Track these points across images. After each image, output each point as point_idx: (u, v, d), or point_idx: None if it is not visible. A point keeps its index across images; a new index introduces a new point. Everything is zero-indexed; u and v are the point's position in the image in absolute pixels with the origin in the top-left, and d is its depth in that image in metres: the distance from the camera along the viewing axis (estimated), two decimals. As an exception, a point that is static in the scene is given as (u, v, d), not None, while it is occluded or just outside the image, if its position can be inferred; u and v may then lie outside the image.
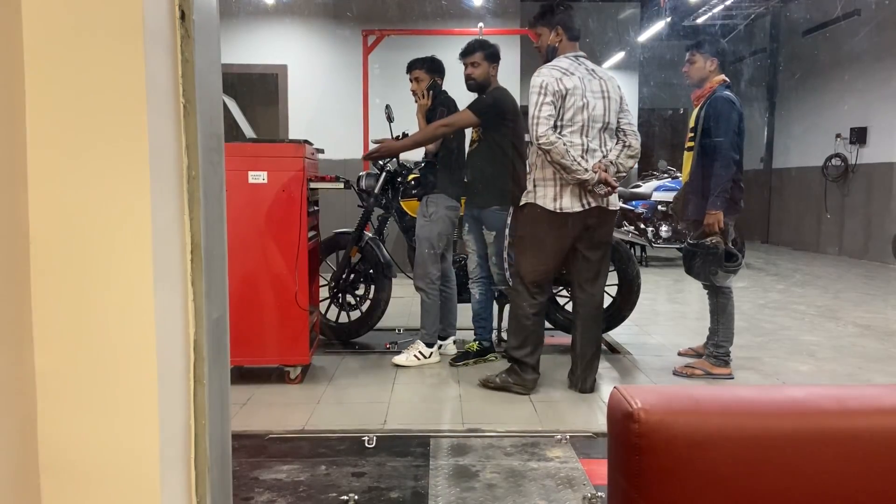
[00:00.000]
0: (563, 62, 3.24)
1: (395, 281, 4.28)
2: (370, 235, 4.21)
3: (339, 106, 7.42)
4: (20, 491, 0.88)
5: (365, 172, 4.21)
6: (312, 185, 3.49)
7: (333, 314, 4.29)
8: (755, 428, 0.92)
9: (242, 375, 3.53)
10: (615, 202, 3.36)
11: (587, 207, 3.21)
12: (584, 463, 2.53)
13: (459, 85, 3.87)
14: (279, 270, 3.37)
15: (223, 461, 1.11)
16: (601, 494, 2.25)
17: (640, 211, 8.07)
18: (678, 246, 7.54)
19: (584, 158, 3.16)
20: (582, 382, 3.40)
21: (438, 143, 3.87)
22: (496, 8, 7.56)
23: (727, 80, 3.67)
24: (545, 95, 3.12)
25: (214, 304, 1.05)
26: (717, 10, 9.37)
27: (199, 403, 1.00)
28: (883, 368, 3.96)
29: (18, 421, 0.87)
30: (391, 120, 4.07)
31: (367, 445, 2.69)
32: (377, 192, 4.06)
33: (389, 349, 4.15)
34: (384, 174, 4.07)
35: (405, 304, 5.22)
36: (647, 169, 9.68)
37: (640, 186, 8.57)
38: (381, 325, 4.35)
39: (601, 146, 3.25)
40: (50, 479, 0.91)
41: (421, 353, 3.87)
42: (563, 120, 3.16)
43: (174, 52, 0.95)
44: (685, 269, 3.72)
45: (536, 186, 3.26)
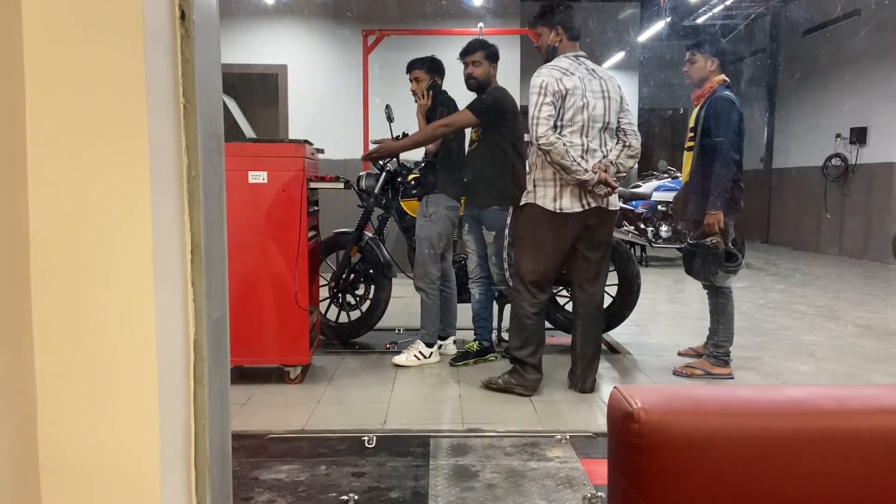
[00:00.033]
0: (563, 62, 3.24)
1: (395, 281, 4.28)
2: (370, 235, 4.21)
3: (339, 106, 7.42)
4: (20, 491, 0.88)
5: (365, 172, 4.21)
6: (312, 185, 3.49)
7: (333, 314, 4.29)
8: (755, 428, 0.92)
9: (242, 375, 3.53)
10: (615, 202, 3.36)
11: (587, 208, 3.21)
12: (584, 463, 2.53)
13: (459, 85, 3.87)
14: (279, 270, 3.37)
15: (223, 461, 1.11)
16: (601, 494, 2.25)
17: (640, 211, 8.08)
18: (678, 246, 7.54)
19: (583, 158, 3.16)
20: (582, 382, 3.40)
21: (438, 143, 3.87)
22: (496, 8, 7.56)
23: (727, 80, 3.67)
24: (545, 96, 3.12)
25: (214, 304, 1.05)
26: (717, 10, 9.37)
27: (199, 403, 1.00)
28: (883, 368, 3.96)
29: (18, 421, 0.87)
30: (391, 120, 4.07)
31: (367, 445, 2.69)
32: (377, 192, 4.06)
33: (389, 349, 4.15)
34: (384, 174, 4.07)
35: (405, 304, 5.22)
36: (647, 169, 9.68)
37: (640, 186, 8.57)
38: (381, 325, 4.35)
39: (601, 146, 3.25)
40: (50, 479, 0.91)
41: (421, 353, 3.87)
42: (562, 120, 3.16)
43: (174, 52, 0.95)
44: (685, 269, 3.72)
45: (536, 187, 3.26)
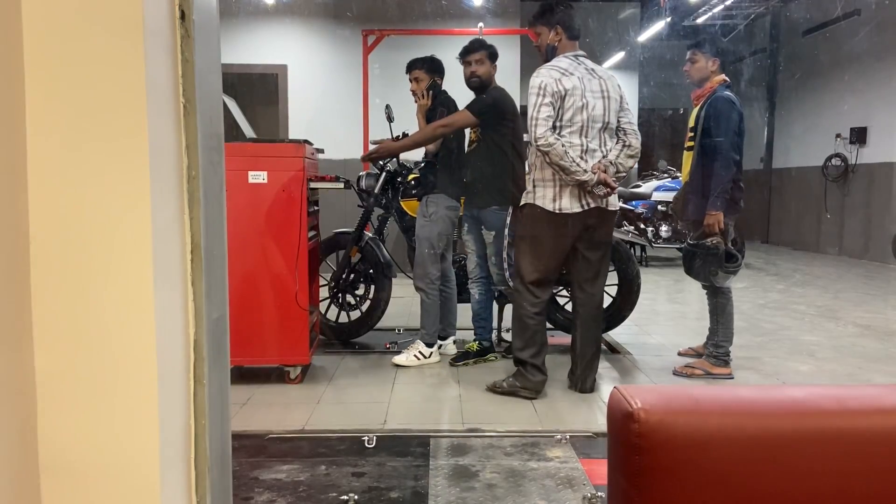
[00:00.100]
0: (562, 62, 3.23)
1: (395, 281, 4.27)
2: (370, 235, 4.21)
3: (339, 106, 7.42)
4: (20, 491, 0.88)
5: (365, 172, 4.20)
6: (312, 185, 3.49)
7: (333, 314, 4.29)
8: (755, 428, 0.92)
9: (242, 375, 3.53)
10: (615, 202, 3.35)
11: (586, 208, 3.21)
12: (584, 463, 2.53)
13: (459, 85, 3.87)
14: (279, 270, 3.37)
15: (223, 461, 1.11)
16: (601, 494, 2.25)
17: (640, 211, 8.07)
18: (678, 246, 7.54)
19: (583, 159, 3.15)
20: (582, 382, 3.39)
21: (438, 143, 3.87)
22: (496, 8, 7.56)
23: (727, 80, 3.67)
24: (544, 96, 3.11)
25: (214, 304, 1.05)
26: (717, 10, 9.36)
27: (199, 403, 1.00)
28: (883, 368, 3.96)
29: (18, 421, 0.87)
30: (391, 120, 4.07)
31: (367, 445, 2.69)
32: (377, 192, 4.06)
33: (389, 349, 4.15)
34: (384, 174, 4.07)
35: (405, 304, 5.22)
36: (647, 169, 9.67)
37: (640, 186, 8.57)
38: (381, 325, 4.35)
39: (601, 146, 3.25)
40: (50, 479, 0.91)
41: (421, 353, 3.87)
42: (562, 121, 3.15)
43: (174, 52, 0.95)
44: (685, 269, 3.72)
45: (536, 187, 3.25)
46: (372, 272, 4.21)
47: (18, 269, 0.87)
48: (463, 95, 3.91)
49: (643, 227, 8.03)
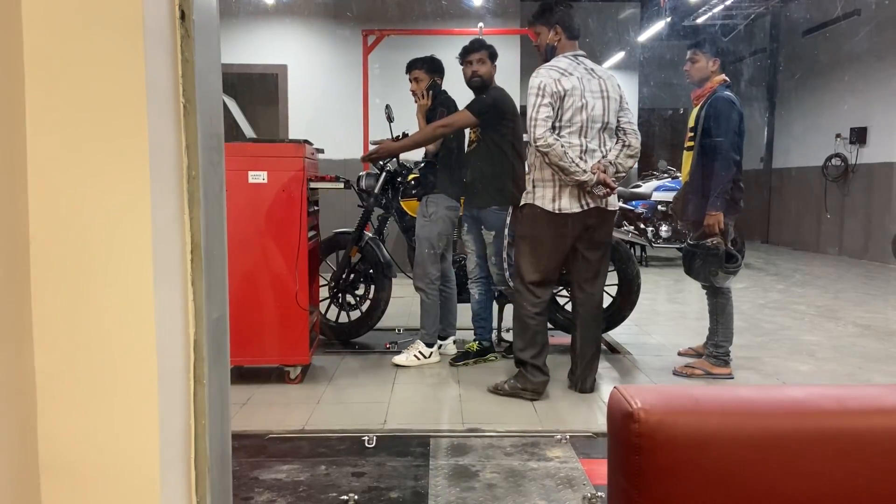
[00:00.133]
0: (561, 62, 3.23)
1: (395, 281, 4.27)
2: (370, 235, 4.21)
3: (339, 106, 7.42)
4: (20, 491, 0.88)
5: (365, 172, 4.20)
6: (312, 185, 3.49)
7: (333, 314, 4.29)
8: (755, 428, 0.92)
9: (242, 375, 3.53)
10: (614, 202, 3.35)
11: (586, 208, 3.21)
12: (584, 463, 2.53)
13: (459, 85, 3.87)
14: (279, 270, 3.37)
15: (223, 461, 1.11)
16: (601, 494, 2.25)
17: (640, 211, 8.07)
18: (678, 246, 7.54)
19: (582, 159, 3.15)
20: (582, 382, 3.39)
21: (438, 143, 3.87)
22: (496, 8, 7.56)
23: (727, 80, 3.67)
24: (543, 97, 3.11)
25: (214, 304, 1.05)
26: (717, 10, 9.36)
27: (199, 403, 1.00)
28: (883, 368, 3.96)
29: (18, 421, 0.87)
30: (391, 120, 4.08)
31: (367, 445, 2.69)
32: (377, 192, 4.06)
33: (389, 349, 4.15)
34: (384, 174, 4.07)
35: (405, 304, 5.22)
36: (647, 169, 9.67)
37: (640, 186, 8.57)
38: (381, 325, 4.35)
39: (600, 146, 3.24)
40: (50, 479, 0.91)
41: (421, 352, 3.87)
42: (561, 121, 3.15)
43: (174, 52, 0.95)
44: (685, 269, 3.72)
45: (535, 187, 3.25)
46: (372, 272, 4.21)
47: (18, 269, 0.87)
48: (463, 95, 3.91)
49: (643, 227, 8.03)
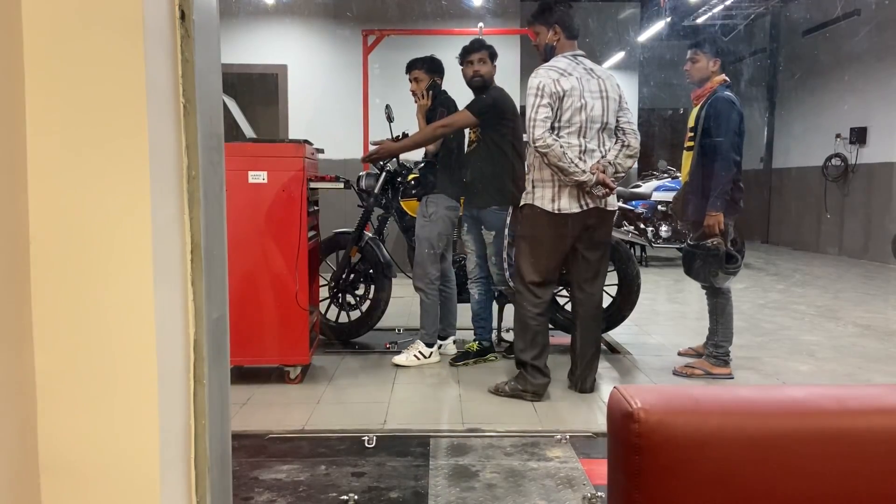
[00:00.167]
0: (560, 62, 3.23)
1: (395, 281, 4.27)
2: (370, 235, 4.21)
3: (339, 106, 7.42)
4: (20, 491, 0.88)
5: (365, 172, 4.21)
6: (312, 185, 3.49)
7: (333, 314, 4.29)
8: (755, 428, 0.92)
9: (242, 375, 3.53)
10: (613, 202, 3.35)
11: (585, 208, 3.21)
12: (584, 463, 2.53)
13: (459, 85, 3.87)
14: (279, 270, 3.37)
15: (223, 461, 1.11)
16: (601, 494, 2.25)
17: (640, 211, 8.07)
18: (678, 246, 7.54)
19: (581, 159, 3.15)
20: (582, 382, 3.39)
21: (438, 143, 3.87)
22: (496, 8, 7.56)
23: (728, 80, 3.66)
24: (542, 97, 3.10)
25: (214, 304, 1.05)
26: (717, 10, 9.36)
27: (199, 403, 1.00)
28: (883, 368, 3.96)
29: (18, 421, 0.87)
30: (391, 120, 4.08)
31: (366, 445, 2.69)
32: (377, 192, 4.06)
33: (389, 349, 4.15)
34: (384, 174, 4.07)
35: (405, 304, 5.22)
36: (647, 169, 9.67)
37: (639, 186, 8.56)
38: (381, 325, 4.35)
39: (599, 146, 3.24)
40: (50, 479, 0.91)
41: (421, 352, 3.87)
42: (560, 121, 3.15)
43: (174, 52, 0.95)
44: (685, 270, 3.72)
45: (535, 187, 3.25)
46: (372, 272, 4.21)
47: (18, 269, 0.87)
48: (463, 95, 3.91)
49: (643, 227, 8.03)
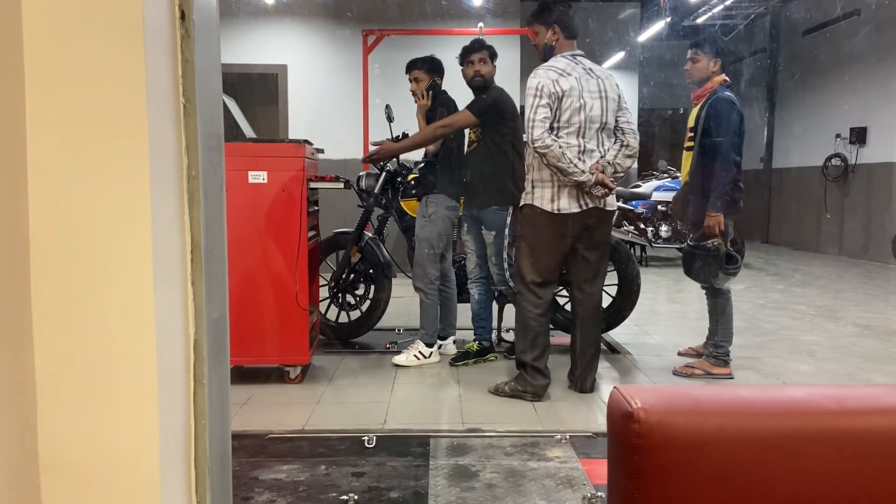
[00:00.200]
0: (559, 62, 3.23)
1: (395, 281, 4.28)
2: (370, 235, 4.21)
3: (339, 106, 7.42)
4: (20, 491, 0.88)
5: (365, 172, 4.21)
6: (312, 184, 3.49)
7: (333, 314, 4.29)
8: (755, 428, 0.92)
9: (242, 375, 3.53)
10: (612, 202, 3.35)
11: (585, 208, 3.21)
12: (583, 463, 2.53)
13: (459, 85, 3.87)
14: (279, 270, 3.37)
15: (223, 461, 1.11)
16: (601, 494, 2.25)
17: (639, 211, 8.07)
18: (678, 246, 7.54)
19: (580, 159, 3.15)
20: (582, 382, 3.39)
21: (439, 143, 3.87)
22: (496, 8, 7.56)
23: (728, 80, 3.66)
24: (541, 98, 3.10)
25: (214, 304, 1.05)
26: (717, 10, 9.36)
27: (199, 403, 1.00)
28: (883, 368, 3.96)
29: (18, 421, 0.87)
30: (391, 120, 4.08)
31: (366, 445, 2.69)
32: (377, 192, 4.06)
33: (389, 349, 4.15)
34: (384, 174, 4.07)
35: (405, 304, 5.22)
36: (647, 169, 9.67)
37: (639, 186, 8.57)
38: (381, 325, 4.35)
39: (598, 146, 3.24)
40: (50, 479, 0.91)
41: (421, 352, 3.87)
42: (559, 122, 3.14)
43: (174, 52, 0.95)
44: (685, 270, 3.72)
45: (534, 188, 3.25)
46: (372, 272, 4.21)
47: (18, 269, 0.87)
48: (463, 95, 3.91)
49: (643, 227, 8.03)
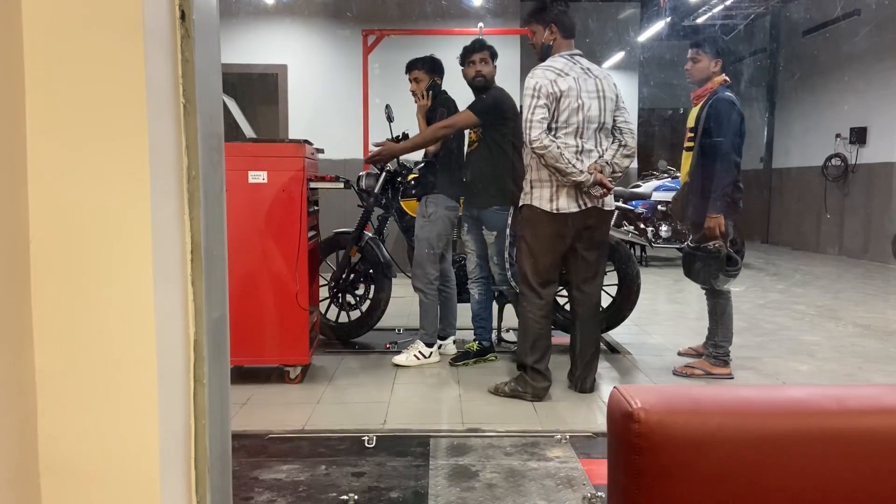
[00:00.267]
0: (557, 62, 3.22)
1: (395, 281, 4.28)
2: (370, 235, 4.21)
3: (339, 106, 7.42)
4: (20, 491, 0.88)
5: (365, 172, 4.20)
6: (312, 184, 3.49)
7: (333, 314, 4.29)
8: (755, 428, 0.92)
9: (242, 375, 3.53)
10: (611, 202, 3.34)
11: (583, 208, 3.21)
12: (583, 463, 2.53)
13: (459, 85, 3.87)
14: (279, 270, 3.37)
15: (223, 461, 1.11)
16: (601, 494, 2.25)
17: (639, 211, 8.07)
18: (678, 246, 7.53)
19: (578, 159, 3.15)
20: (581, 382, 3.39)
21: (439, 143, 3.87)
22: (496, 8, 7.56)
23: (728, 80, 3.66)
24: (538, 98, 3.10)
25: (214, 304, 1.05)
26: (717, 10, 9.36)
27: (199, 403, 1.00)
28: (883, 368, 3.96)
29: (18, 421, 0.87)
30: (391, 120, 4.08)
31: (366, 445, 2.69)
32: (377, 192, 4.06)
33: (389, 349, 4.15)
34: (384, 174, 4.07)
35: (405, 303, 5.22)
36: (647, 169, 9.67)
37: (639, 186, 8.56)
38: (381, 324, 4.35)
39: (597, 146, 3.24)
40: (50, 479, 0.91)
41: (421, 352, 3.87)
42: (557, 122, 3.14)
43: (174, 51, 0.95)
44: (685, 272, 3.71)
45: (533, 188, 3.25)
46: (372, 272, 4.21)
47: (18, 269, 0.87)
48: (463, 95, 3.90)
49: (643, 227, 8.03)
